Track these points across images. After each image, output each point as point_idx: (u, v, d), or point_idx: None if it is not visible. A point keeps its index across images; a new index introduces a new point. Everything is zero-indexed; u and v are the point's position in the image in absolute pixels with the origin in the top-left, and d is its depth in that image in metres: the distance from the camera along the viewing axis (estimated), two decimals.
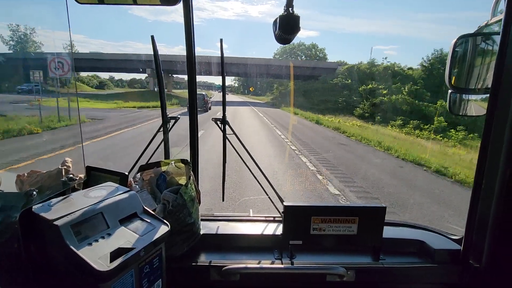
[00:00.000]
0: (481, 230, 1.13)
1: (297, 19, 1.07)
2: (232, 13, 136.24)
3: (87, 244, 0.79)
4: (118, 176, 1.25)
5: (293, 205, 1.26)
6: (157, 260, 0.94)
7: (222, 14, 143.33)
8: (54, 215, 0.81)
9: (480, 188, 1.12)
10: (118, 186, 1.05)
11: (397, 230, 1.49)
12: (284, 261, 1.27)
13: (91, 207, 0.88)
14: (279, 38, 1.15)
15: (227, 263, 1.23)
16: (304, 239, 1.25)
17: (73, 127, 10.91)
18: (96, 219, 0.86)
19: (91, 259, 0.75)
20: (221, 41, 1.46)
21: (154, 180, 1.38)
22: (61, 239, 0.76)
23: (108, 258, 0.77)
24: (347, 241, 1.26)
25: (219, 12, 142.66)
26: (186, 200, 1.22)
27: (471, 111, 1.28)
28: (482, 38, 1.23)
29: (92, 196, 0.95)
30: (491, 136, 1.08)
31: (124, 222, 0.92)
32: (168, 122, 1.62)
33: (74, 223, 0.81)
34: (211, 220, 1.52)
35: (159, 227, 0.95)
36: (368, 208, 1.26)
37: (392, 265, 1.27)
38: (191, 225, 1.26)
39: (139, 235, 0.88)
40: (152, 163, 1.41)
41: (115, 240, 0.84)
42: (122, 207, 0.94)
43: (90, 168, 1.32)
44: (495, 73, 1.06)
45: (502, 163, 1.03)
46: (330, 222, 1.24)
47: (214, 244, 1.37)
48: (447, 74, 1.23)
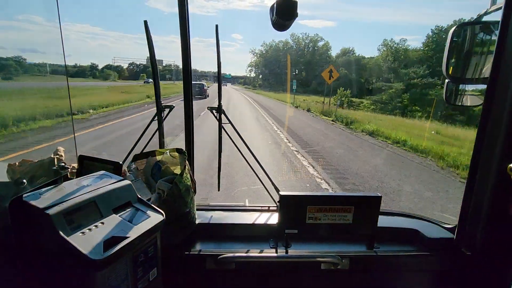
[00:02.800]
0: (474, 219, 1.15)
1: (294, 5, 1.05)
2: (248, 3, 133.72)
3: (80, 233, 0.78)
4: (111, 165, 1.23)
5: (289, 194, 1.26)
6: (152, 249, 0.93)
7: (238, 5, 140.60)
8: (45, 203, 0.79)
9: (475, 178, 1.13)
10: (112, 175, 1.03)
11: (392, 219, 1.50)
12: (279, 249, 1.27)
13: (83, 196, 0.86)
14: (276, 24, 1.12)
15: (223, 252, 1.23)
16: (299, 228, 1.26)
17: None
18: (89, 208, 0.85)
19: (84, 248, 0.73)
20: (216, 27, 1.42)
21: (149, 169, 1.36)
22: (53, 228, 0.75)
23: (102, 246, 0.76)
24: (342, 230, 1.27)
25: (235, 3, 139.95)
26: (181, 189, 1.21)
27: (467, 101, 1.27)
28: (480, 27, 1.22)
29: (85, 185, 0.93)
30: (488, 126, 1.08)
31: (118, 211, 0.91)
32: (163, 111, 1.59)
33: (67, 211, 0.79)
34: (207, 210, 1.51)
35: (154, 216, 0.94)
36: (364, 198, 1.26)
37: (386, 253, 1.29)
38: (186, 215, 1.25)
39: (133, 224, 0.87)
40: (147, 152, 1.39)
41: (109, 229, 0.83)
42: (115, 196, 0.93)
43: (83, 157, 1.29)
44: (493, 63, 1.05)
45: (498, 153, 1.03)
46: (325, 211, 1.24)
47: (210, 233, 1.37)
48: (445, 64, 1.22)
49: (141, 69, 67.79)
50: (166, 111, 1.59)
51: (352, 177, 5.69)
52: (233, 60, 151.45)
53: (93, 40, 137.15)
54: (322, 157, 7.09)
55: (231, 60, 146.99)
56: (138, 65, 70.27)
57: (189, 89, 1.49)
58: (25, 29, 16.27)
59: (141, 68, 68.05)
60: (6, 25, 3.43)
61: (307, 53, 53.56)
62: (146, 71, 61.13)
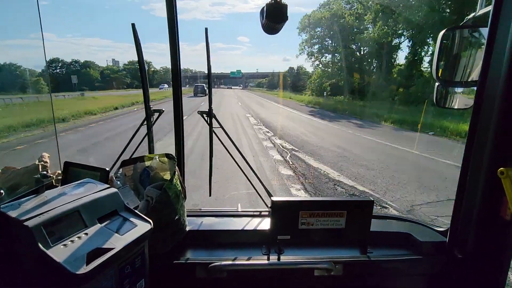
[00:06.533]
0: (466, 222, 1.15)
1: (284, 8, 1.04)
2: (253, 5, 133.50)
3: (61, 245, 0.75)
4: (98, 172, 1.20)
5: (281, 200, 1.24)
6: (139, 259, 0.90)
7: (243, 8, 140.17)
8: (24, 215, 0.75)
9: (466, 181, 1.13)
10: (97, 182, 0.99)
11: (385, 223, 1.50)
12: (271, 256, 1.25)
13: (66, 205, 0.82)
14: (266, 27, 1.11)
15: (214, 259, 1.20)
16: (292, 234, 1.24)
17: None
18: (71, 218, 0.81)
19: (65, 261, 0.70)
20: (206, 30, 1.40)
21: (137, 175, 1.33)
22: (33, 241, 0.71)
23: (84, 259, 0.73)
24: (335, 235, 1.25)
25: (239, 6, 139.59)
26: (171, 196, 1.18)
27: (457, 104, 1.28)
28: (469, 31, 1.23)
29: (68, 194, 0.90)
30: (478, 129, 1.08)
31: (103, 220, 0.87)
32: (152, 115, 1.56)
33: (47, 223, 0.75)
34: (198, 216, 1.48)
35: (141, 225, 0.90)
36: (356, 202, 1.26)
37: (379, 258, 1.28)
38: (176, 222, 1.22)
39: (119, 234, 0.84)
40: (135, 158, 1.36)
41: (93, 240, 0.79)
42: (101, 204, 0.89)
43: (68, 164, 1.25)
44: (482, 66, 1.05)
45: (488, 156, 1.04)
46: (318, 216, 1.23)
47: (200, 240, 1.34)
48: (434, 67, 1.23)
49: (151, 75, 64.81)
50: (155, 115, 1.56)
51: None
52: (242, 63, 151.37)
53: (103, 52, 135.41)
54: None
55: (238, 64, 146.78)
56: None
57: (179, 92, 1.46)
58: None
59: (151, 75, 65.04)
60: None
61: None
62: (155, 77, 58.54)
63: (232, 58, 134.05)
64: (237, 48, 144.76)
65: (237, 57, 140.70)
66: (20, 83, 16.58)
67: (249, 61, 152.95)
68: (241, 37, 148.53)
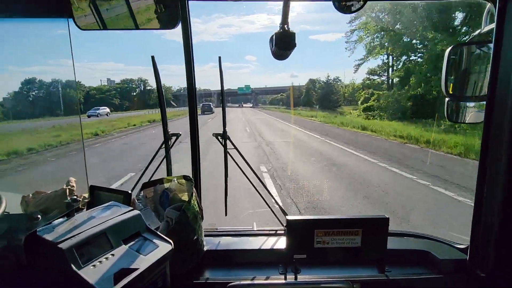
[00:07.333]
0: (486, 238, 1.12)
1: (292, 36, 1.10)
2: (259, 25, 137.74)
3: (91, 266, 0.80)
4: (121, 195, 1.26)
5: (296, 218, 1.26)
6: (161, 279, 0.93)
7: (249, 28, 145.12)
8: (58, 237, 0.82)
9: (483, 196, 1.11)
10: (121, 205, 1.06)
11: (402, 240, 1.47)
12: (288, 276, 1.25)
13: (94, 228, 0.88)
14: (275, 54, 1.18)
15: (232, 279, 1.22)
16: (308, 253, 1.24)
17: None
18: (99, 240, 0.87)
19: (95, 282, 0.75)
20: (219, 59, 1.50)
21: (157, 197, 1.39)
22: (66, 262, 0.77)
23: (112, 279, 0.77)
24: (351, 253, 1.24)
25: (246, 27, 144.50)
26: (189, 216, 1.22)
27: (469, 119, 1.28)
28: (476, 47, 1.25)
29: (96, 217, 0.96)
30: (490, 142, 1.08)
31: (128, 241, 0.92)
32: (170, 139, 1.63)
33: (78, 245, 0.81)
34: (215, 235, 1.51)
35: (163, 245, 0.95)
36: (371, 220, 1.25)
37: (397, 277, 1.25)
38: (194, 242, 1.25)
39: (142, 255, 0.89)
40: (155, 180, 1.42)
41: (119, 261, 0.84)
42: (125, 226, 0.95)
43: (94, 188, 1.33)
44: (490, 81, 1.07)
45: (503, 169, 1.03)
46: (333, 234, 1.23)
47: (218, 260, 1.36)
48: (443, 82, 1.25)
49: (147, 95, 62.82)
50: (173, 139, 1.64)
51: None
52: (250, 80, 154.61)
53: (116, 76, 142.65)
54: None
55: (247, 81, 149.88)
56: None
57: (195, 114, 1.50)
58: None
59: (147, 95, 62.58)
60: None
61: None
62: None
63: (240, 76, 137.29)
64: (245, 66, 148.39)
65: (245, 75, 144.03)
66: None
67: (257, 79, 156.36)
68: (248, 56, 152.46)
